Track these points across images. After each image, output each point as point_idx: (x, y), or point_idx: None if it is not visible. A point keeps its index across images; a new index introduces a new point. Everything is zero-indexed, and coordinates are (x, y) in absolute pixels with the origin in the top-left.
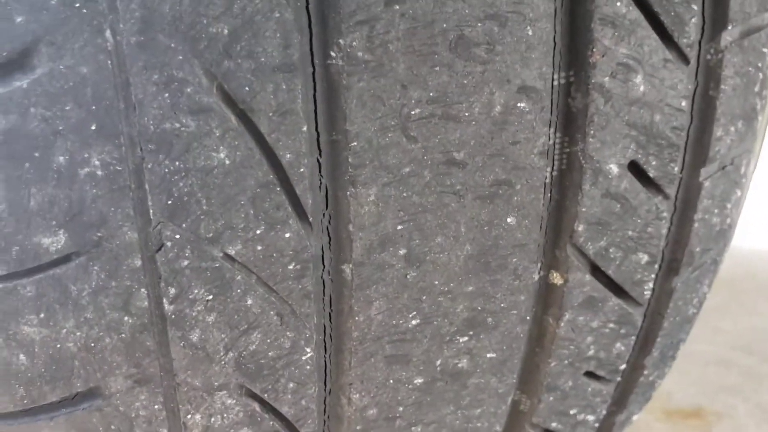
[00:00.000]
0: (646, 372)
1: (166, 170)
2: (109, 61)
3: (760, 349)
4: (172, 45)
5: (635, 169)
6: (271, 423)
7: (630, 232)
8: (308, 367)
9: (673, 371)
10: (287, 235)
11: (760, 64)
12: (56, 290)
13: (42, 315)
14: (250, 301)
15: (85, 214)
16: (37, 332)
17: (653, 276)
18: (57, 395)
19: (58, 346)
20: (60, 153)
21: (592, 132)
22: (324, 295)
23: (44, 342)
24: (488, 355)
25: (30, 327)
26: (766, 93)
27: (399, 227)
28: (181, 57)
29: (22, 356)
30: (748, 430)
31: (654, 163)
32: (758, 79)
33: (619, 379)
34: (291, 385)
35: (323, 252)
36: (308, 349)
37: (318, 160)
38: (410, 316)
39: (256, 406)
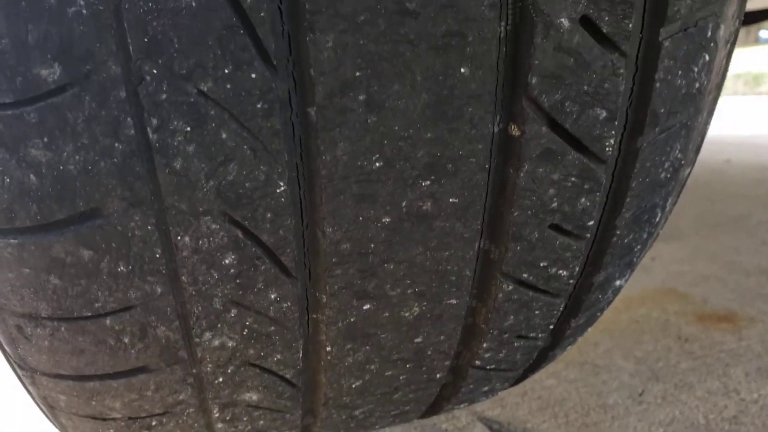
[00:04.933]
0: (618, 233)
1: (141, 10)
2: None
3: None
4: None
5: (588, 24)
6: (254, 249)
7: (585, 87)
8: (283, 199)
9: (711, 279)
10: (253, 75)
11: None
12: (55, 117)
13: (45, 139)
14: (224, 135)
15: (75, 48)
16: (42, 155)
17: (614, 133)
18: (64, 213)
19: (61, 168)
20: None
21: None
22: (294, 135)
23: (49, 164)
24: (451, 200)
25: (36, 150)
26: None
27: (357, 73)
28: None
29: (32, 176)
30: None
31: (607, 18)
32: None
33: (588, 235)
34: (269, 215)
35: (290, 95)
36: (281, 183)
37: (279, 7)
38: (374, 158)
39: (239, 233)
